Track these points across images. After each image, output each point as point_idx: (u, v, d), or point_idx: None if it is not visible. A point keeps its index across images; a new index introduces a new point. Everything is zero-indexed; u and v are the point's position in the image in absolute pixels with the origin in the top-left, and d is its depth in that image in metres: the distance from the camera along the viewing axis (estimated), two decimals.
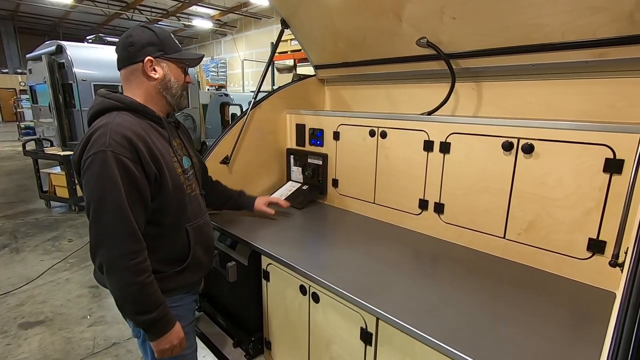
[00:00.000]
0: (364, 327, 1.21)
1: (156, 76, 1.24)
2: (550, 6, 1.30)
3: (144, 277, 1.12)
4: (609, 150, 1.19)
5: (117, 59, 1.25)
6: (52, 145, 6.68)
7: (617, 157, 1.17)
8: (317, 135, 2.18)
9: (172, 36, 1.30)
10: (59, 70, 7.01)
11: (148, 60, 1.21)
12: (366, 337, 1.21)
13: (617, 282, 1.21)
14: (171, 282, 1.21)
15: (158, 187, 1.20)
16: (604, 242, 1.23)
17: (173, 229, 1.27)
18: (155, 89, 1.26)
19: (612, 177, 1.19)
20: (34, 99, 9.14)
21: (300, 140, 2.30)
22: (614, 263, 0.88)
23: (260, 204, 1.88)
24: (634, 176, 0.93)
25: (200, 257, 1.36)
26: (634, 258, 0.70)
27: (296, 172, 2.34)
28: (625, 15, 1.19)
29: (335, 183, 2.15)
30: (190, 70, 1.47)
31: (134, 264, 1.10)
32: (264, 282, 1.65)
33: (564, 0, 1.26)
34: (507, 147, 1.40)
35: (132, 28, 1.25)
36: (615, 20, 1.22)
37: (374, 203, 1.96)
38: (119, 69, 1.25)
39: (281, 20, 2.19)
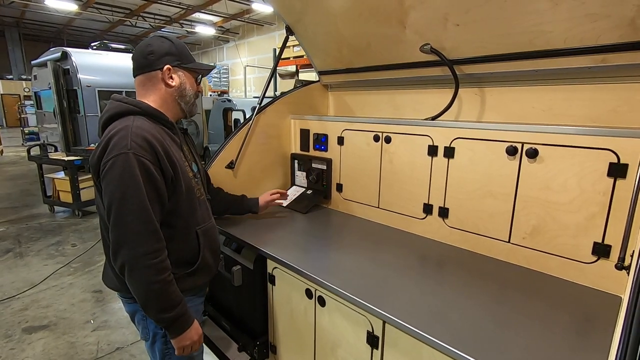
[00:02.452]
0: (371, 330, 1.21)
1: (173, 84, 1.30)
2: (552, 13, 1.32)
3: (165, 275, 1.15)
4: (613, 154, 1.20)
5: (134, 66, 1.30)
6: (56, 150, 6.72)
7: (622, 161, 1.18)
8: (322, 140, 2.20)
9: (187, 47, 1.37)
10: (64, 76, 7.08)
11: (167, 68, 1.28)
12: (372, 340, 1.21)
13: (623, 286, 1.21)
14: (181, 284, 1.23)
15: (173, 188, 1.23)
16: (609, 246, 1.24)
17: (184, 232, 1.30)
18: (171, 96, 1.32)
19: (617, 182, 1.20)
20: (38, 105, 9.22)
21: (304, 145, 2.32)
22: (620, 266, 0.88)
23: (264, 197, 1.95)
24: (638, 180, 0.94)
25: (208, 259, 1.38)
26: None
27: (300, 176, 2.36)
28: (627, 22, 1.21)
29: (339, 187, 2.16)
30: None
31: (156, 263, 1.13)
32: (269, 285, 1.66)
33: (566, 8, 1.28)
34: (511, 151, 1.41)
35: (151, 38, 1.30)
36: (617, 27, 1.24)
37: (378, 207, 1.97)
38: (135, 75, 1.30)
39: (286, 26, 2.22)
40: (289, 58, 6.38)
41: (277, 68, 6.67)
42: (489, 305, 1.18)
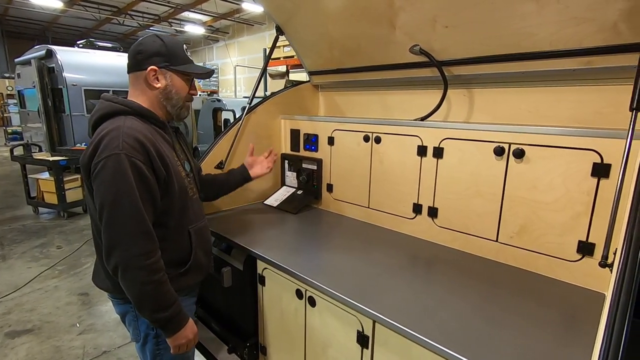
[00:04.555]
0: (361, 330, 1.21)
1: (158, 85, 1.27)
2: (539, 16, 1.35)
3: (159, 276, 1.15)
4: (597, 155, 1.23)
5: (127, 64, 1.29)
6: (40, 150, 6.58)
7: (605, 161, 1.21)
8: (312, 141, 2.20)
9: (184, 48, 1.32)
10: (49, 74, 6.94)
11: (151, 69, 1.25)
12: (363, 340, 1.21)
13: (607, 284, 1.24)
14: (173, 284, 1.23)
15: (166, 188, 1.23)
16: (593, 245, 1.27)
17: (176, 231, 1.30)
18: (156, 98, 1.30)
19: (600, 181, 1.23)
20: (22, 104, 9.01)
21: (294, 146, 2.31)
22: (604, 264, 0.91)
23: (247, 160, 1.92)
24: (621, 179, 0.96)
25: (201, 259, 1.38)
26: (623, 258, 0.72)
27: (291, 177, 2.35)
28: (610, 26, 1.24)
29: (329, 188, 2.16)
30: None
31: (149, 263, 1.12)
32: (259, 286, 1.65)
33: (552, 11, 1.31)
34: (499, 152, 1.43)
35: (146, 36, 1.29)
36: (601, 30, 1.27)
37: (368, 207, 1.98)
38: (128, 73, 1.30)
39: (276, 26, 2.21)
40: (279, 58, 6.35)
41: (268, 68, 6.64)
42: (478, 304, 1.19)
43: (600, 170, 1.22)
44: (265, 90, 7.40)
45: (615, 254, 0.88)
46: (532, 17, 1.36)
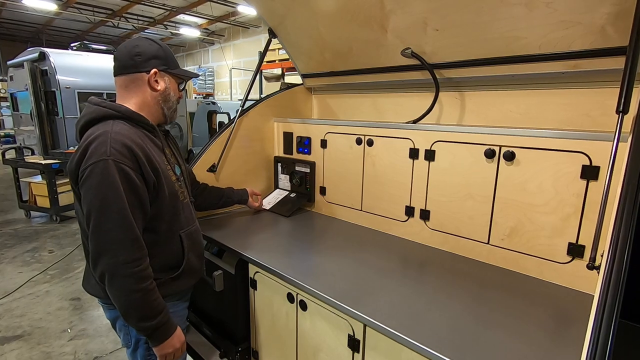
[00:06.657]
0: (352, 334, 1.21)
1: (159, 88, 1.28)
2: (527, 20, 1.36)
3: (147, 284, 1.13)
4: (586, 157, 1.23)
5: (118, 65, 1.26)
6: (33, 153, 6.52)
7: (593, 164, 1.22)
8: (305, 143, 2.19)
9: (172, 52, 1.36)
10: (42, 77, 6.89)
11: (154, 72, 1.25)
12: (353, 344, 1.21)
13: (596, 285, 1.25)
14: (166, 288, 1.22)
15: (155, 194, 1.22)
16: (583, 247, 1.27)
17: (168, 236, 1.29)
18: (154, 100, 1.29)
19: (589, 184, 1.23)
20: (14, 107, 8.93)
21: (287, 148, 2.31)
22: (591, 266, 0.91)
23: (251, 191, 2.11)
24: (608, 182, 0.97)
25: (193, 263, 1.37)
26: (609, 260, 0.73)
27: (284, 179, 2.34)
28: (597, 29, 1.25)
29: (322, 191, 2.16)
30: None
31: (137, 271, 1.11)
32: (251, 290, 1.63)
33: (540, 14, 1.32)
34: (490, 154, 1.44)
35: (138, 39, 1.29)
36: (589, 34, 1.28)
37: (361, 210, 1.97)
38: (117, 75, 1.26)
39: (269, 29, 2.21)
40: (274, 61, 6.35)
41: (263, 71, 6.65)
42: (469, 306, 1.19)
43: (589, 173, 1.23)
44: (261, 92, 7.40)
45: (602, 256, 0.88)
46: (521, 20, 1.37)
